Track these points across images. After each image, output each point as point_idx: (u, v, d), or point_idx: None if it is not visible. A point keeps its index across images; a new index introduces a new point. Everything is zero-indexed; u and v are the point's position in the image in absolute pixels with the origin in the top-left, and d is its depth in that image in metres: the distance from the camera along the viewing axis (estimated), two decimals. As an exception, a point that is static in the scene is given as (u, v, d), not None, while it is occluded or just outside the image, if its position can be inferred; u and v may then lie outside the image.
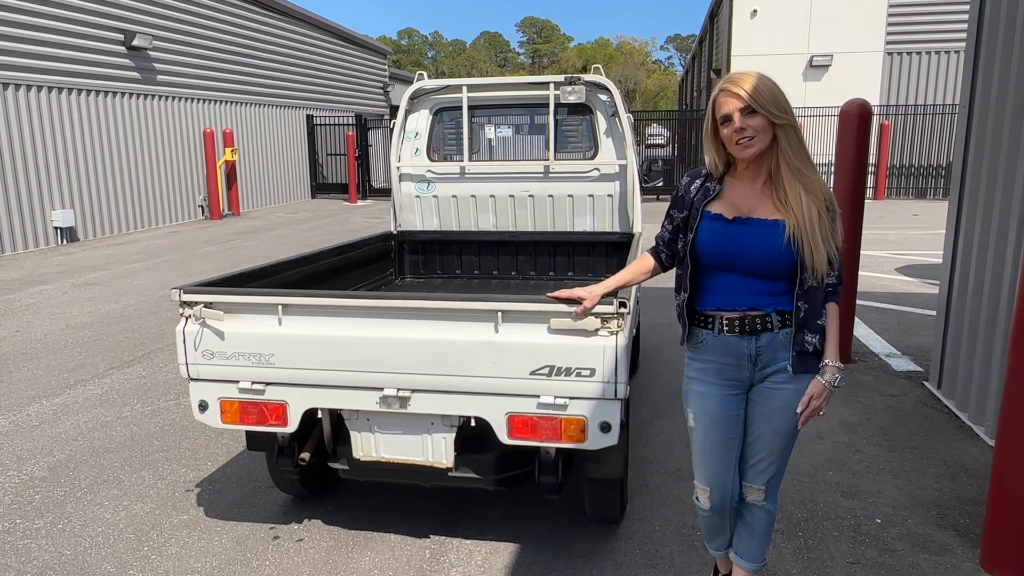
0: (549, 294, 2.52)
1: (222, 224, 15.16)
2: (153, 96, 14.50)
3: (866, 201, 5.36)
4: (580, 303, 2.45)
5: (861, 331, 6.16)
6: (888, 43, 18.38)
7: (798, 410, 2.20)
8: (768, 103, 2.06)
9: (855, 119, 5.10)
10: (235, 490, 3.66)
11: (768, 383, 2.23)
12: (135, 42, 13.61)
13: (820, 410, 2.20)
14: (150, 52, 14.26)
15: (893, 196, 18.50)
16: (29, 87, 11.60)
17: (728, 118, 2.09)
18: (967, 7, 4.63)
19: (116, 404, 4.88)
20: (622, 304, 2.46)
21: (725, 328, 2.20)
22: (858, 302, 5.53)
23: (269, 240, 12.68)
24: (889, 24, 18.27)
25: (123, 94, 13.70)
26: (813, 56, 18.58)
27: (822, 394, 2.18)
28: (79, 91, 12.64)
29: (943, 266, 4.82)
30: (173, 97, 15.09)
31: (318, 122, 20.94)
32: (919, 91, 18.53)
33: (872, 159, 17.10)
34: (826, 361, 2.18)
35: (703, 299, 2.24)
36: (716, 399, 2.27)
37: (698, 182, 2.26)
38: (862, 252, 5.38)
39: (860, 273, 5.41)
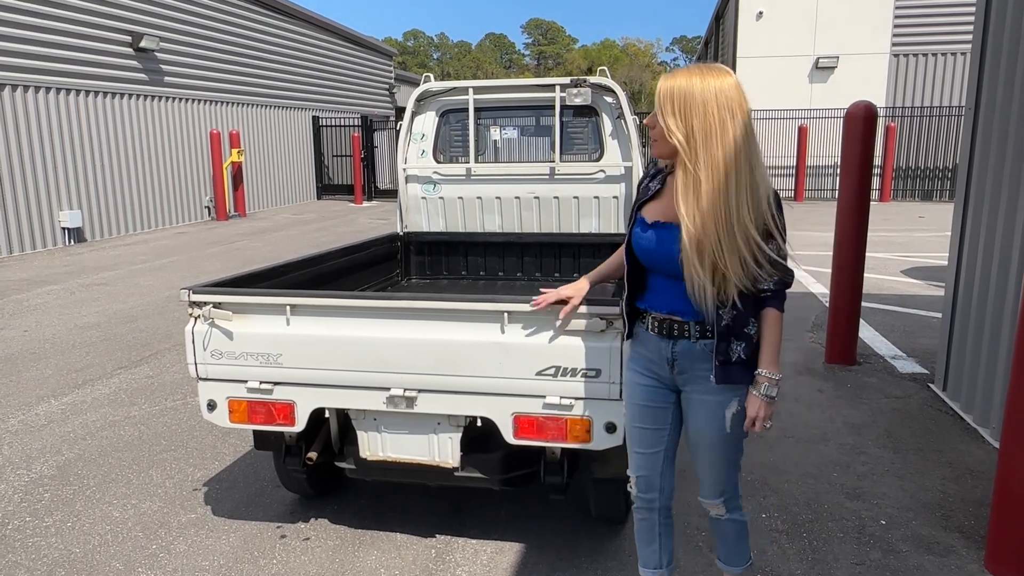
0: (533, 302, 2.51)
1: (228, 225, 15.22)
2: (160, 97, 14.57)
3: (872, 203, 5.36)
4: (567, 302, 2.46)
5: (866, 333, 6.16)
6: (894, 45, 18.35)
7: (734, 411, 2.15)
8: (668, 114, 1.98)
9: (860, 121, 5.11)
10: (242, 489, 3.68)
11: (691, 393, 2.21)
12: (143, 44, 13.68)
13: (766, 423, 2.12)
14: (157, 54, 14.33)
15: (899, 198, 18.47)
16: (37, 88, 11.67)
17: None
18: (973, 9, 4.63)
19: (124, 404, 4.92)
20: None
21: (650, 327, 2.21)
22: (863, 304, 5.53)
23: (275, 241, 12.72)
24: (895, 26, 18.24)
25: (130, 95, 13.77)
26: (819, 58, 18.56)
27: (757, 406, 2.10)
28: (87, 92, 12.71)
29: (949, 268, 4.82)
30: (180, 98, 15.16)
31: (324, 123, 20.99)
32: (925, 93, 18.50)
33: (878, 161, 17.08)
34: (759, 371, 2.11)
35: (643, 296, 2.24)
36: (642, 389, 2.29)
37: (646, 181, 2.26)
38: (868, 254, 5.38)
39: (866, 275, 5.41)
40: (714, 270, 2.00)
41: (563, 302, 2.48)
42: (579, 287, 2.47)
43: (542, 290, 2.53)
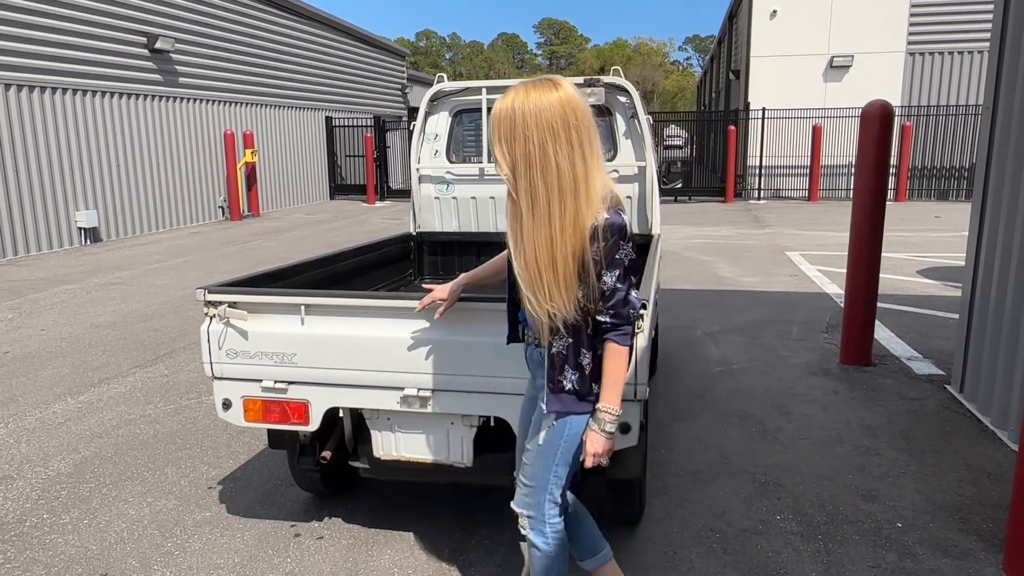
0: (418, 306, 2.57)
1: (242, 225, 15.30)
2: (175, 98, 14.67)
3: (887, 203, 5.31)
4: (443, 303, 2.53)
5: (882, 334, 6.11)
6: (910, 43, 18.19)
7: (586, 465, 2.07)
8: (495, 143, 1.92)
9: (876, 120, 5.07)
10: (256, 488, 3.70)
11: (539, 398, 2.21)
12: (158, 45, 13.78)
13: (600, 458, 2.05)
14: (172, 55, 14.43)
15: (914, 198, 18.31)
16: (54, 90, 11.78)
17: None
18: (991, 6, 4.59)
19: (139, 402, 4.95)
20: (642, 305, 2.47)
21: (524, 331, 2.23)
22: (879, 305, 5.49)
23: (288, 241, 12.78)
24: (911, 24, 18.08)
25: (146, 96, 13.88)
26: (833, 57, 18.43)
27: (595, 441, 2.03)
28: (103, 93, 12.82)
29: (966, 268, 4.77)
30: (194, 99, 15.26)
31: (337, 123, 21.07)
32: (941, 92, 18.33)
33: (893, 160, 16.94)
34: (599, 405, 2.04)
35: (520, 302, 2.17)
36: (527, 393, 2.37)
37: None
38: (883, 254, 5.34)
39: (881, 276, 5.37)
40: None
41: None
42: (453, 290, 2.52)
43: (424, 287, 2.60)
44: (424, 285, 2.64)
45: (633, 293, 2.00)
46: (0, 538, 3.26)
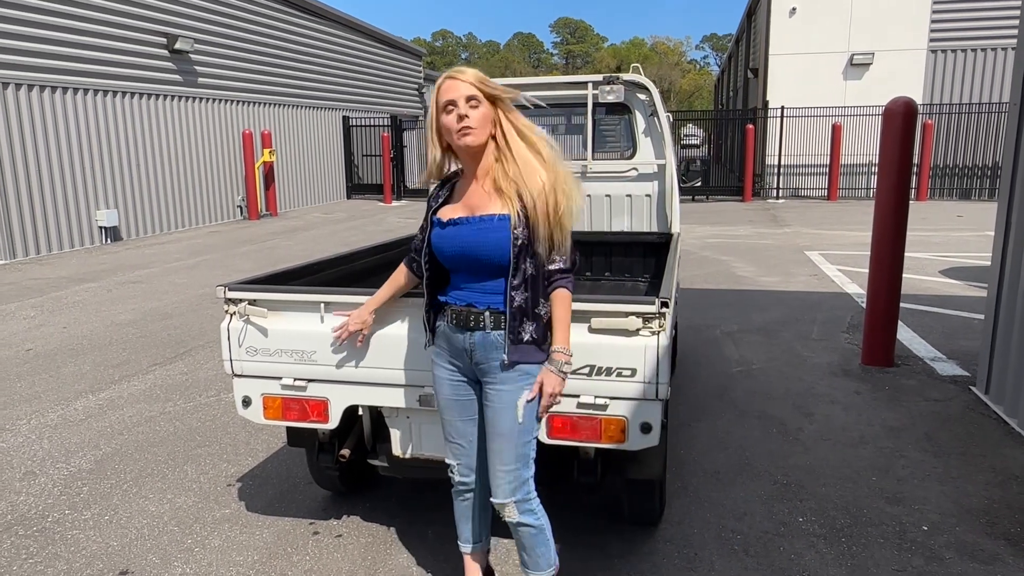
0: (335, 333, 2.67)
1: (260, 224, 15.40)
2: (194, 98, 14.79)
3: (909, 202, 5.24)
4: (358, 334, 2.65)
5: (904, 334, 6.03)
6: (932, 40, 17.97)
7: (528, 398, 2.24)
8: (493, 96, 2.16)
9: (900, 117, 5.00)
10: (275, 485, 3.71)
11: (487, 384, 2.30)
12: (177, 45, 13.90)
13: (555, 398, 2.24)
14: (191, 55, 14.54)
15: (936, 197, 18.08)
16: (76, 90, 11.91)
17: (452, 104, 2.14)
18: (1016, 2, 4.50)
19: (159, 399, 4.99)
20: (664, 304, 2.44)
21: (449, 320, 2.32)
22: (901, 305, 5.41)
23: (306, 240, 12.84)
24: (933, 21, 17.86)
25: (165, 96, 13.99)
26: (854, 54, 18.25)
27: (552, 381, 2.22)
28: (123, 94, 12.94)
29: (991, 268, 4.69)
30: (213, 99, 15.37)
31: (354, 123, 21.15)
32: (964, 89, 18.09)
33: (914, 159, 16.75)
34: (555, 348, 2.23)
35: (445, 290, 2.35)
36: (447, 383, 2.41)
37: (434, 190, 2.38)
38: (905, 254, 5.26)
39: (903, 275, 5.29)
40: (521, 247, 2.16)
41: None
42: (364, 320, 2.63)
43: (336, 314, 2.71)
44: (335, 313, 2.72)
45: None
46: (23, 533, 3.29)
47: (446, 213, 2.28)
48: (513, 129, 2.19)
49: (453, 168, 2.36)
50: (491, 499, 2.37)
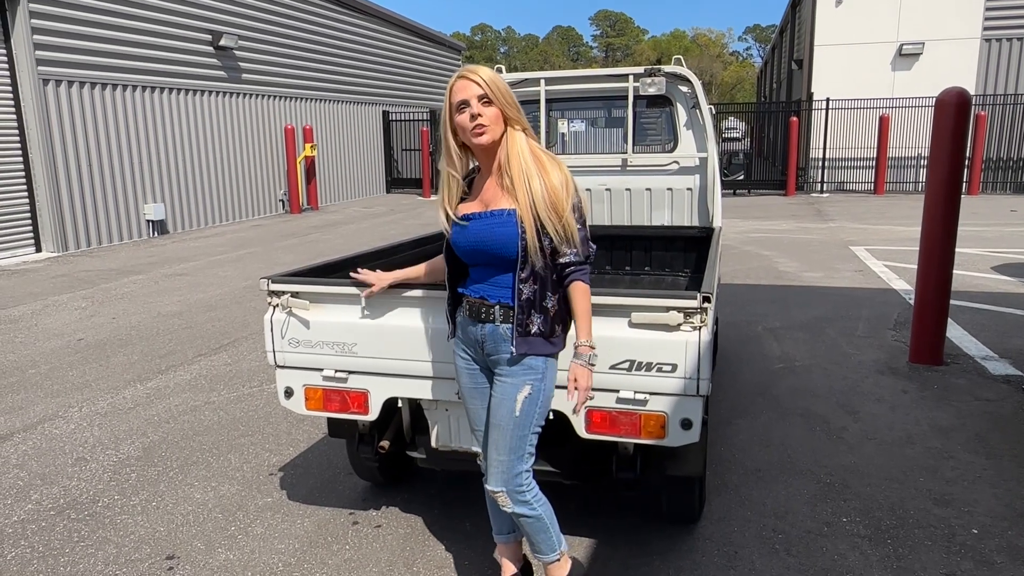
0: (352, 273, 2.70)
1: (301, 218, 15.61)
2: (237, 94, 15.04)
3: (961, 196, 5.08)
4: (371, 286, 2.67)
5: (955, 332, 5.86)
6: (986, 29, 17.38)
7: (567, 399, 2.27)
8: (502, 96, 2.21)
9: (952, 108, 4.85)
10: (316, 475, 3.76)
11: (495, 376, 2.36)
12: (222, 42, 14.15)
13: (588, 391, 2.26)
14: (236, 52, 14.79)
15: (989, 191, 17.52)
16: (124, 87, 12.21)
17: (465, 103, 2.19)
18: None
19: (204, 389, 5.09)
20: (706, 299, 2.41)
21: (466, 312, 2.38)
22: (952, 302, 5.26)
23: (346, 234, 12.99)
24: (987, 8, 17.27)
25: (210, 92, 14.26)
26: (903, 44, 17.74)
27: (584, 375, 2.24)
28: (170, 90, 13.23)
29: (1048, 264, 4.53)
30: (256, 95, 15.62)
31: (394, 118, 21.29)
32: (1020, 80, 17.46)
33: (967, 151, 16.24)
34: (579, 341, 2.25)
35: (465, 283, 2.40)
36: (466, 372, 2.46)
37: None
38: (956, 249, 5.10)
39: (953, 272, 5.13)
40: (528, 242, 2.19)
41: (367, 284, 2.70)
42: (381, 278, 2.68)
43: (360, 270, 2.71)
44: (360, 270, 2.73)
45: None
46: (75, 517, 3.39)
47: (463, 208, 2.33)
48: (514, 131, 2.26)
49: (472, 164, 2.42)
50: (484, 484, 2.42)
